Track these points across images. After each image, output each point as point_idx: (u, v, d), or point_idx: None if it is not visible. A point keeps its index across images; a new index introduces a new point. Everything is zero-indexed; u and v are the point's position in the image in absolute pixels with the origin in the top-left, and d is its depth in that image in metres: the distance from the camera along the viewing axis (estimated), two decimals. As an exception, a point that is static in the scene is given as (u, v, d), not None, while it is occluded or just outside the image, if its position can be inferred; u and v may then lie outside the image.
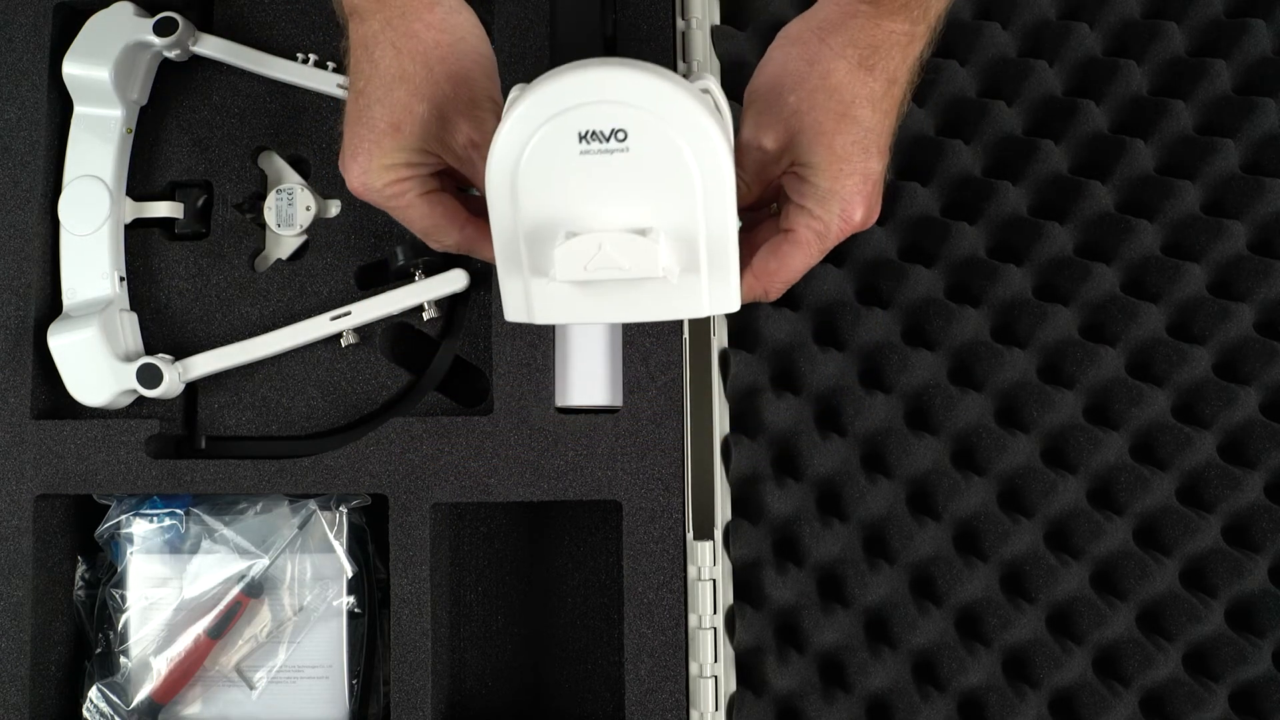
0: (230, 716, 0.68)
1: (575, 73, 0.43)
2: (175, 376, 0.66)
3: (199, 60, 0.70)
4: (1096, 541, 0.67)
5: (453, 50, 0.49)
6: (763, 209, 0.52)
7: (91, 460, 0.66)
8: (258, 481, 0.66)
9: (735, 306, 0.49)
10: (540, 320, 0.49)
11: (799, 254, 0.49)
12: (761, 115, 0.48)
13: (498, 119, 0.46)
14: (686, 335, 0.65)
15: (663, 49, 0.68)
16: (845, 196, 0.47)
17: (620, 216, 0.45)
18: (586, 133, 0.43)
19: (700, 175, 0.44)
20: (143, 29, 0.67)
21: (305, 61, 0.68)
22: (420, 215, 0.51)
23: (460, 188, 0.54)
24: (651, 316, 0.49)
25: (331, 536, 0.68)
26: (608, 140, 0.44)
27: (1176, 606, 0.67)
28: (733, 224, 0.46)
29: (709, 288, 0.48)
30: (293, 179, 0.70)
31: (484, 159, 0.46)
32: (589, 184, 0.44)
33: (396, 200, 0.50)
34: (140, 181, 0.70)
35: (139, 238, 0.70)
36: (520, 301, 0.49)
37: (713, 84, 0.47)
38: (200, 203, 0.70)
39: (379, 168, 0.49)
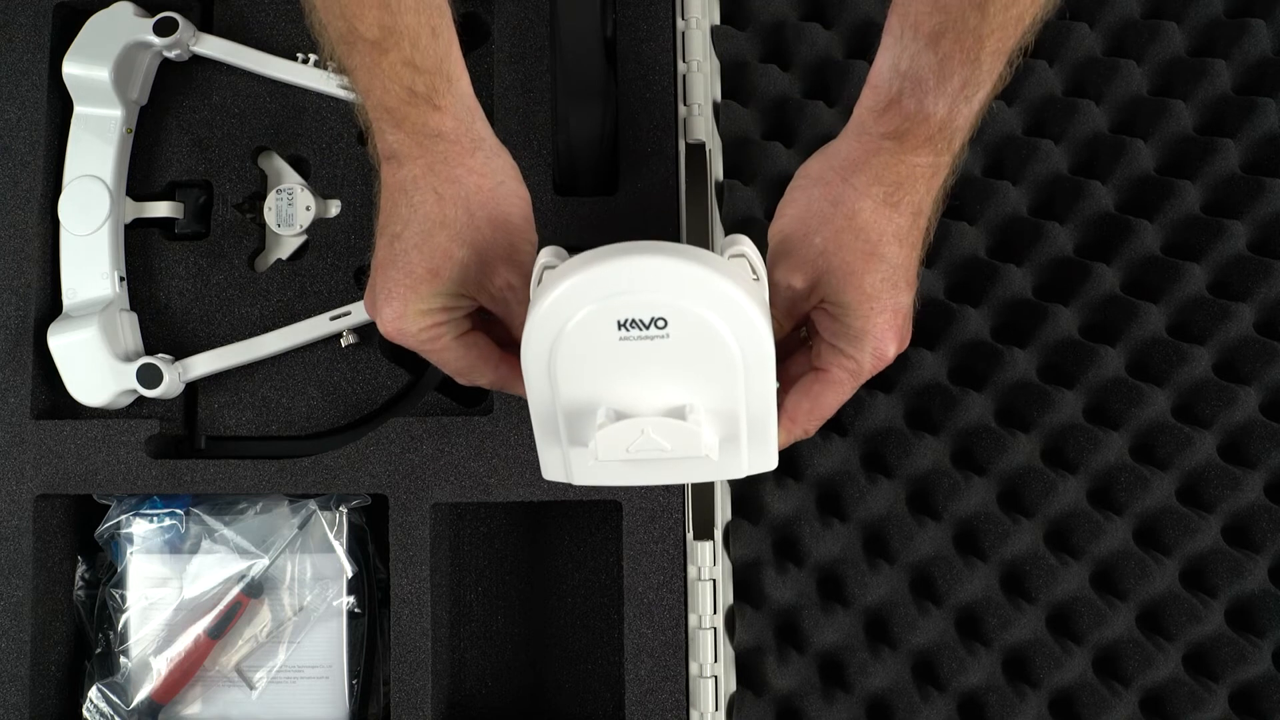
0: (230, 716, 0.68)
1: (613, 261, 0.43)
2: (175, 376, 0.66)
3: (199, 60, 0.70)
4: (1096, 541, 0.67)
5: (494, 195, 0.49)
6: (793, 336, 0.52)
7: (91, 460, 0.66)
8: (258, 481, 0.66)
9: (773, 465, 0.49)
10: (579, 483, 0.49)
11: (832, 393, 0.50)
12: (789, 256, 0.48)
13: (533, 264, 0.46)
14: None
15: (663, 49, 0.68)
16: (877, 335, 0.47)
17: (661, 396, 0.46)
18: (626, 321, 0.43)
19: (741, 355, 0.44)
20: (143, 29, 0.67)
21: (305, 61, 0.68)
22: (455, 357, 0.50)
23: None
24: (691, 479, 0.51)
25: (331, 536, 0.68)
26: (647, 328, 0.44)
27: (1176, 606, 0.67)
28: (773, 395, 0.47)
29: (748, 454, 0.48)
30: (293, 179, 0.70)
31: (520, 302, 0.48)
32: (629, 367, 0.45)
33: (432, 344, 0.50)
34: (140, 181, 0.70)
35: (139, 238, 0.70)
36: (558, 465, 0.49)
37: (747, 247, 0.46)
38: (200, 203, 0.70)
39: (415, 313, 0.48)
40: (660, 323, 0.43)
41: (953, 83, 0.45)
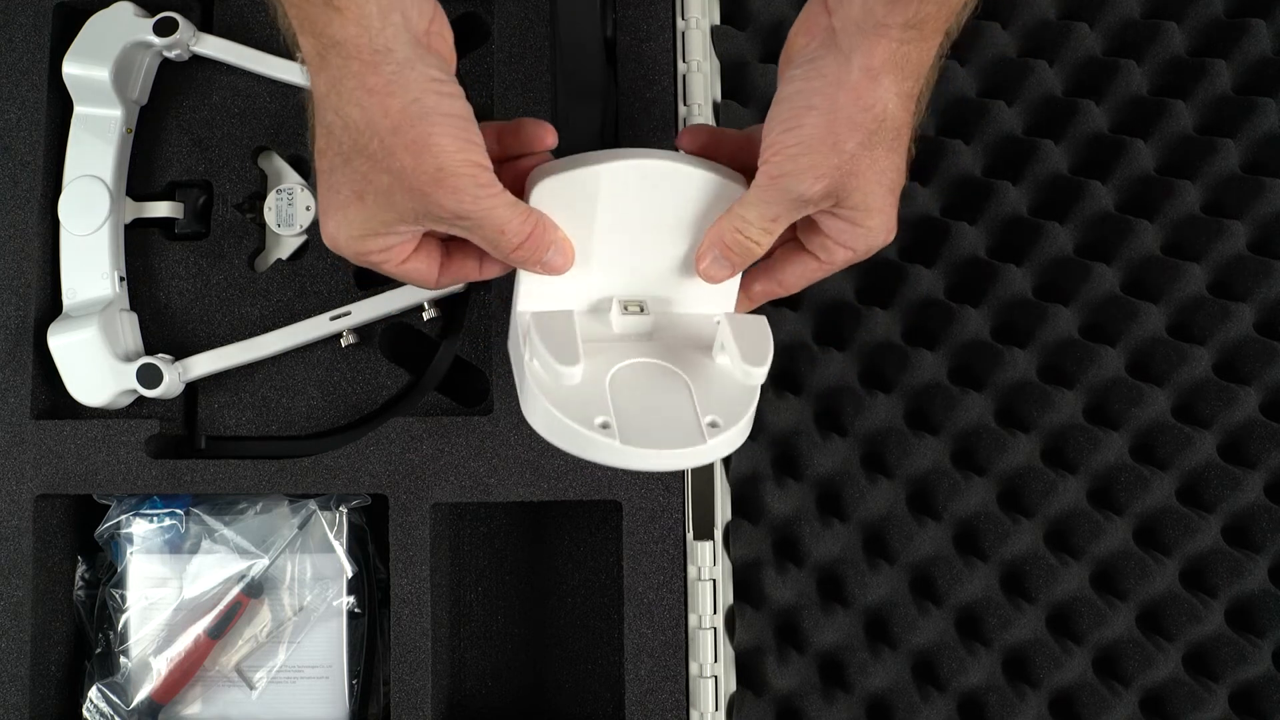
0: (230, 716, 0.68)
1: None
2: (175, 376, 0.66)
3: (199, 60, 0.70)
4: (1096, 541, 0.67)
5: (405, 117, 0.42)
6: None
7: (91, 460, 0.66)
8: (258, 481, 0.66)
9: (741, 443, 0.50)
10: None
11: (826, 272, 0.51)
12: (815, 166, 0.45)
13: (480, 184, 0.44)
14: (686, 335, 0.65)
15: (663, 49, 0.68)
16: (887, 225, 0.48)
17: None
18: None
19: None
20: (143, 29, 0.67)
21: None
22: (404, 274, 0.49)
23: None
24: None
25: (331, 536, 0.68)
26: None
27: (1176, 606, 0.67)
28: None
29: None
30: (293, 179, 0.70)
31: (477, 227, 0.45)
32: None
33: (378, 266, 0.48)
34: (140, 181, 0.70)
35: (139, 238, 0.70)
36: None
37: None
38: (200, 203, 0.70)
39: (347, 237, 0.46)
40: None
41: None
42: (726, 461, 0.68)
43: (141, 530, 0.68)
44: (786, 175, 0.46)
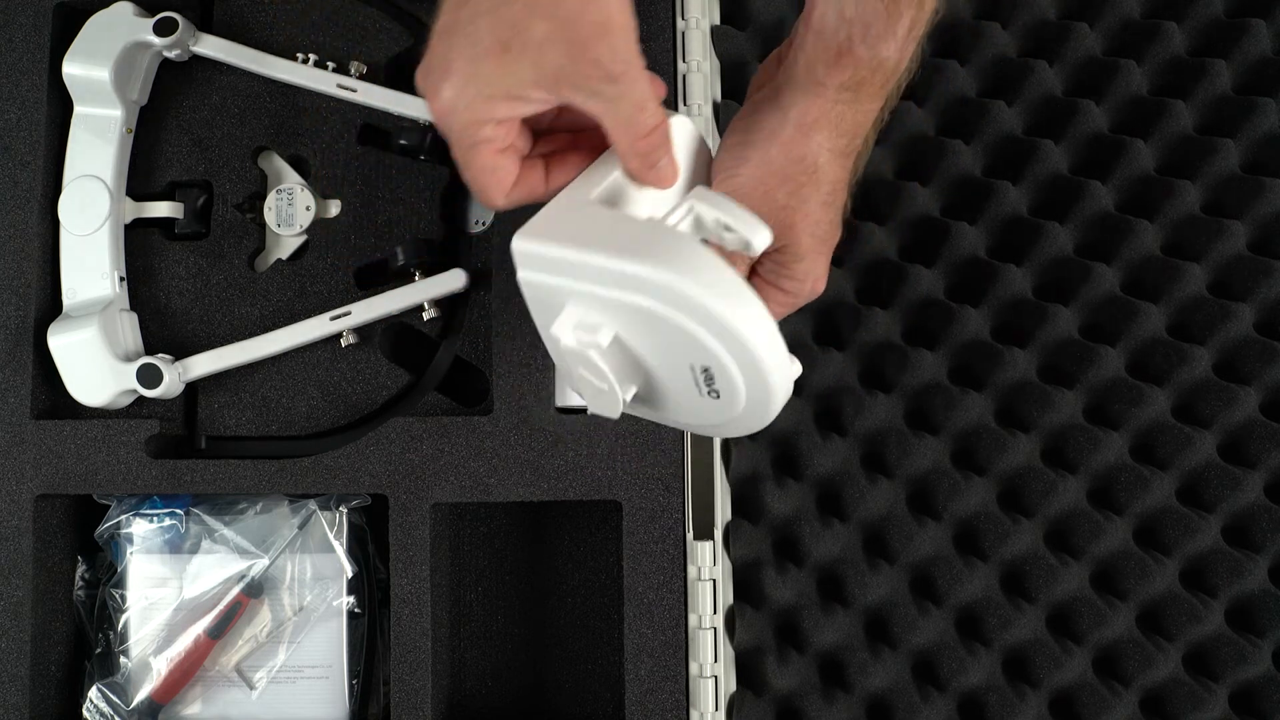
0: (230, 716, 0.68)
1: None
2: (175, 376, 0.66)
3: (199, 60, 0.70)
4: (1096, 541, 0.67)
5: None
6: None
7: (91, 460, 0.66)
8: (258, 481, 0.66)
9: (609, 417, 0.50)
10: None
11: None
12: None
13: (635, 50, 0.42)
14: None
15: (663, 49, 0.68)
16: (818, 274, 0.50)
17: (657, 379, 0.47)
18: (704, 371, 0.44)
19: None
20: (143, 29, 0.67)
21: (305, 61, 0.68)
22: (480, 171, 0.45)
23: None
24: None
25: (331, 536, 0.68)
26: (709, 386, 0.45)
27: (1176, 606, 0.67)
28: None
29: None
30: (293, 179, 0.70)
31: (620, 97, 0.43)
32: (675, 365, 0.45)
33: (472, 145, 0.44)
34: (140, 181, 0.70)
35: (139, 238, 0.70)
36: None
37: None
38: (200, 203, 0.70)
39: (474, 95, 0.42)
40: (715, 393, 0.45)
41: (902, 25, 0.44)
42: (727, 461, 0.68)
43: (141, 530, 0.68)
44: None
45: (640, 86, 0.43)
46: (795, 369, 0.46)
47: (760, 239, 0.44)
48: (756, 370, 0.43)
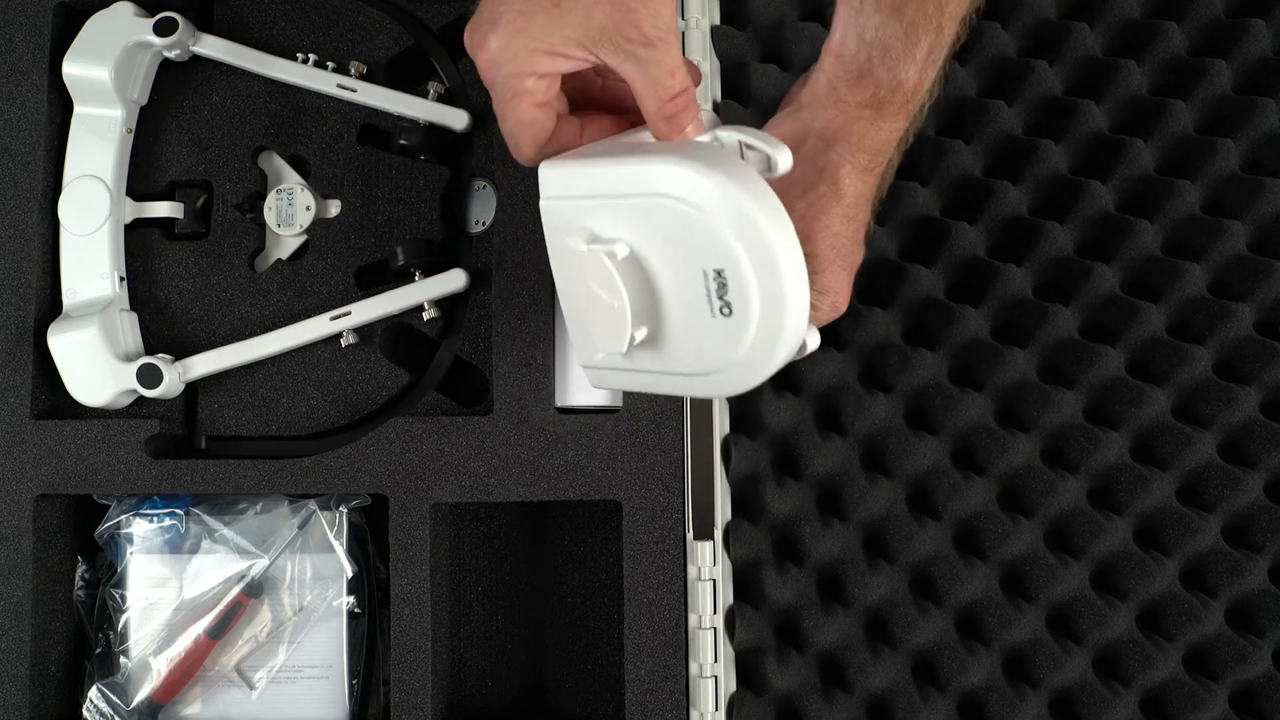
0: (230, 716, 0.68)
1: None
2: (175, 376, 0.66)
3: (199, 60, 0.70)
4: (1096, 541, 0.67)
5: None
6: None
7: (91, 460, 0.66)
8: (258, 481, 0.66)
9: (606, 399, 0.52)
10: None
11: None
12: None
13: (673, 17, 0.44)
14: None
15: (663, 49, 0.68)
16: (838, 290, 0.50)
17: (665, 310, 0.46)
18: (717, 274, 0.43)
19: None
20: (143, 29, 0.67)
21: (305, 61, 0.68)
22: (518, 123, 0.47)
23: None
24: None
25: (331, 536, 0.68)
26: (720, 300, 0.44)
27: (1176, 606, 0.67)
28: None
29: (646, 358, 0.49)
30: (293, 179, 0.70)
31: (655, 61, 0.44)
32: (686, 277, 0.45)
33: (512, 96, 0.46)
34: (140, 181, 0.70)
35: (139, 238, 0.70)
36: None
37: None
38: (200, 203, 0.70)
39: (520, 48, 0.44)
40: (727, 308, 0.43)
41: (920, 49, 0.46)
42: (727, 461, 0.68)
43: (141, 530, 0.68)
44: None
45: (674, 53, 0.45)
46: (815, 333, 0.46)
47: (783, 157, 0.44)
48: (773, 272, 0.41)
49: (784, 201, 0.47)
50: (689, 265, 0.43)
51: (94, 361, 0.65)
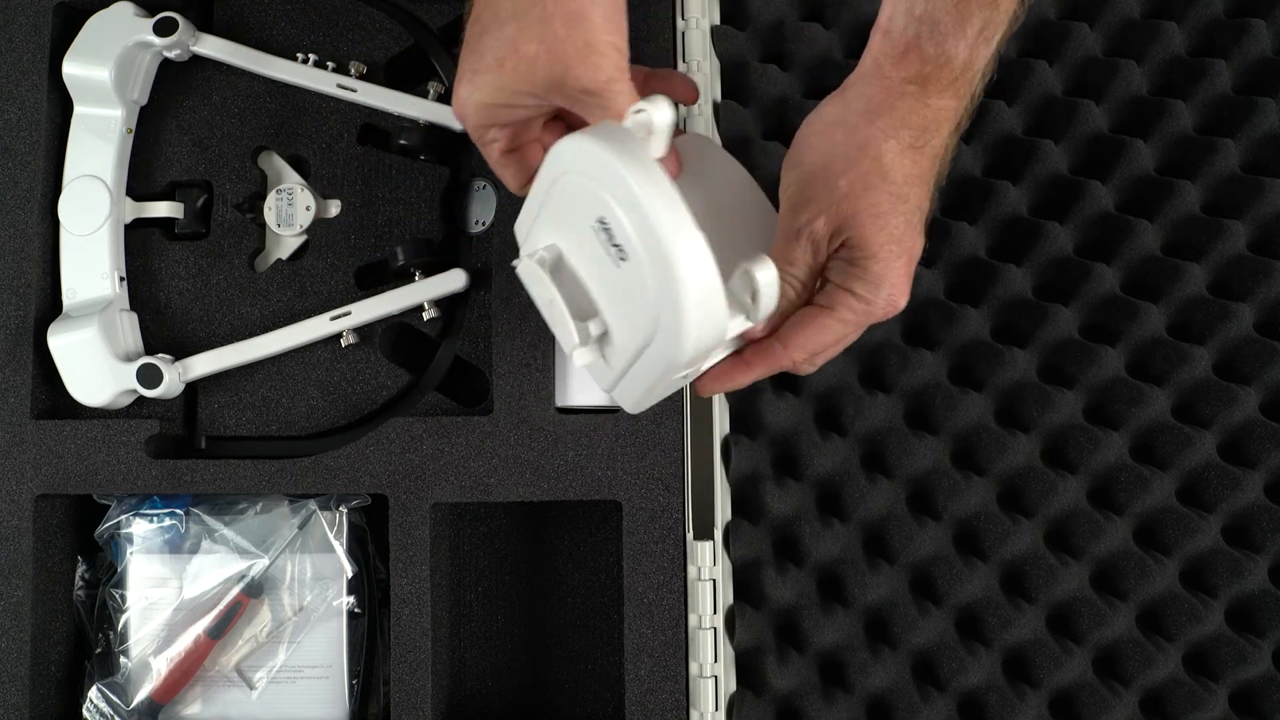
0: (230, 716, 0.68)
1: (627, 171, 0.41)
2: (175, 376, 0.66)
3: (199, 60, 0.70)
4: (1096, 541, 0.67)
5: None
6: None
7: (91, 460, 0.66)
8: (258, 481, 0.66)
9: (631, 411, 0.52)
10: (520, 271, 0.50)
11: (834, 332, 0.49)
12: (812, 202, 0.47)
13: (617, 67, 0.45)
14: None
15: (663, 49, 0.68)
16: (894, 281, 0.47)
17: (589, 286, 0.47)
18: (604, 224, 0.43)
19: (657, 338, 0.44)
20: (143, 29, 0.67)
21: (305, 61, 0.68)
22: (494, 166, 0.51)
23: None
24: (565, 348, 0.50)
25: (331, 536, 0.68)
26: (611, 247, 0.44)
27: (1176, 606, 0.67)
28: (664, 381, 0.47)
29: (620, 387, 0.50)
30: (293, 179, 0.70)
31: (599, 107, 0.46)
32: (589, 244, 0.45)
33: (481, 137, 0.49)
34: (140, 181, 0.70)
35: (139, 238, 0.70)
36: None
37: (766, 274, 0.44)
38: (200, 203, 0.70)
39: (475, 103, 0.48)
40: (620, 255, 0.43)
41: (972, 25, 0.45)
42: (727, 461, 0.68)
43: (141, 530, 0.68)
44: (788, 210, 0.48)
45: (620, 100, 0.46)
46: (698, 236, 0.42)
47: (657, 109, 0.44)
48: (628, 195, 0.41)
49: (825, 178, 0.46)
50: (584, 227, 0.44)
51: (94, 361, 0.65)
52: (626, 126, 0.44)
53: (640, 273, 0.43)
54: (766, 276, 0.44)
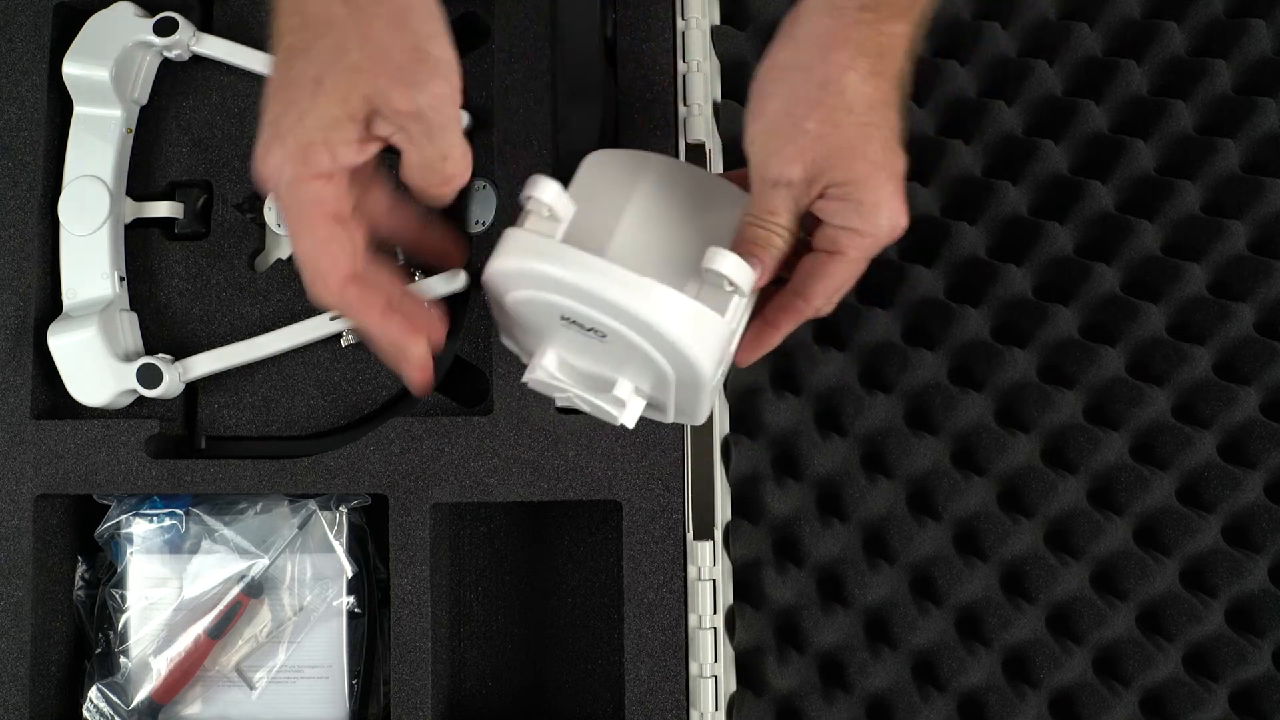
0: (230, 716, 0.68)
1: (568, 270, 0.43)
2: (175, 376, 0.66)
3: (199, 60, 0.70)
4: (1096, 541, 0.67)
5: None
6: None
7: (91, 460, 0.66)
8: (258, 481, 0.66)
9: (698, 422, 0.55)
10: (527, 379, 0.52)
11: (846, 270, 0.48)
12: (781, 151, 0.46)
13: (452, 87, 0.43)
14: (686, 335, 0.65)
15: (663, 49, 0.68)
16: (889, 204, 0.46)
17: (596, 366, 0.49)
18: (568, 318, 0.45)
19: (675, 374, 0.47)
20: (143, 29, 0.67)
21: (305, 61, 0.68)
22: (314, 245, 0.44)
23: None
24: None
25: (331, 536, 0.68)
26: (587, 331, 0.45)
27: (1176, 606, 0.67)
28: (708, 393, 0.50)
29: (674, 416, 0.53)
30: (293, 179, 0.70)
31: (426, 136, 0.44)
32: (570, 337, 0.47)
33: (297, 206, 0.43)
34: (140, 181, 0.70)
35: (139, 238, 0.70)
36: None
37: (730, 266, 0.45)
38: (200, 203, 0.70)
39: (293, 147, 0.42)
40: (599, 333, 0.45)
41: None
42: (727, 461, 0.68)
43: (141, 530, 0.68)
44: (760, 163, 0.47)
45: (449, 134, 0.45)
46: (648, 283, 0.44)
47: (540, 188, 0.46)
48: (578, 296, 0.44)
49: (792, 124, 0.46)
50: (557, 326, 0.47)
51: (94, 361, 0.65)
52: (525, 227, 0.46)
53: (626, 338, 0.45)
54: (727, 265, 0.45)
